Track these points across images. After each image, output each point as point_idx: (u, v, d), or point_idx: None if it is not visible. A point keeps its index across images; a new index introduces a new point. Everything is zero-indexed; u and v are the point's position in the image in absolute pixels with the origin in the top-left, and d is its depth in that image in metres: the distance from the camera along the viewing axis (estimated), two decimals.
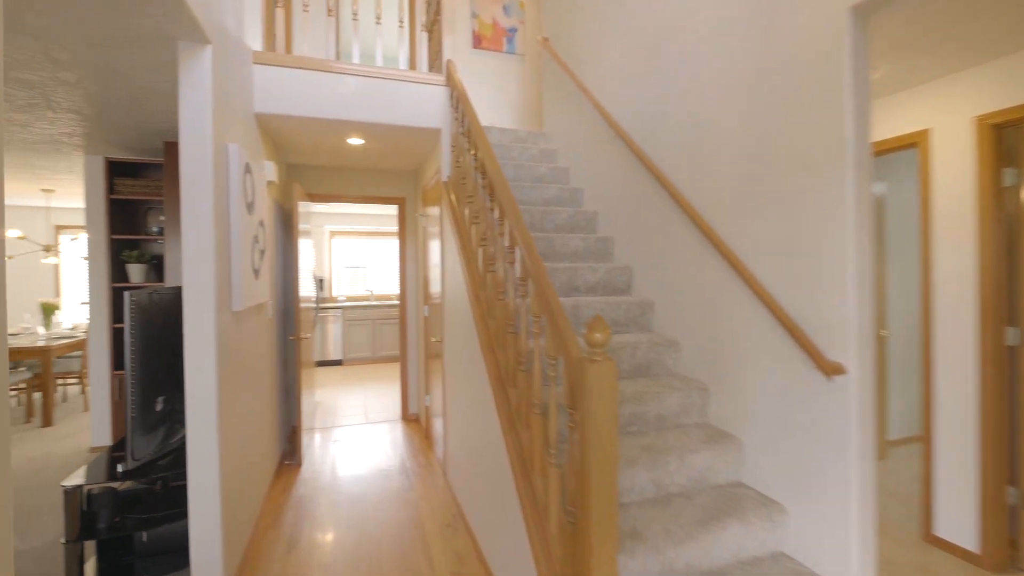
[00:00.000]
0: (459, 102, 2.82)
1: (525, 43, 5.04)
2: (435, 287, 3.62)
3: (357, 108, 2.98)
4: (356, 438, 4.11)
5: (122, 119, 2.91)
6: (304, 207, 3.82)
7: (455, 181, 2.99)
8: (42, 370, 4.51)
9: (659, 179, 2.49)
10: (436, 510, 2.89)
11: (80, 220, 6.58)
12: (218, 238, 2.00)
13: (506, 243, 2.06)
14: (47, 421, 4.51)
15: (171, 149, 3.22)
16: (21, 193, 5.45)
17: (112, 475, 2.07)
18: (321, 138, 3.37)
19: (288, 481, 3.27)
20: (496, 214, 2.16)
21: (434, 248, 3.64)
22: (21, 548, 2.50)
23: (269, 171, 3.05)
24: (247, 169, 2.40)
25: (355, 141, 3.43)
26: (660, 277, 2.58)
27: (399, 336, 4.79)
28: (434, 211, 3.64)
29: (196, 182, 1.92)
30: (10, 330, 5.15)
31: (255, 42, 2.84)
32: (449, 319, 3.08)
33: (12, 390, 4.92)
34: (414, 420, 4.57)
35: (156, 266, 3.75)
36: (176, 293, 2.28)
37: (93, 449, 3.88)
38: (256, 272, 2.56)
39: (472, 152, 2.55)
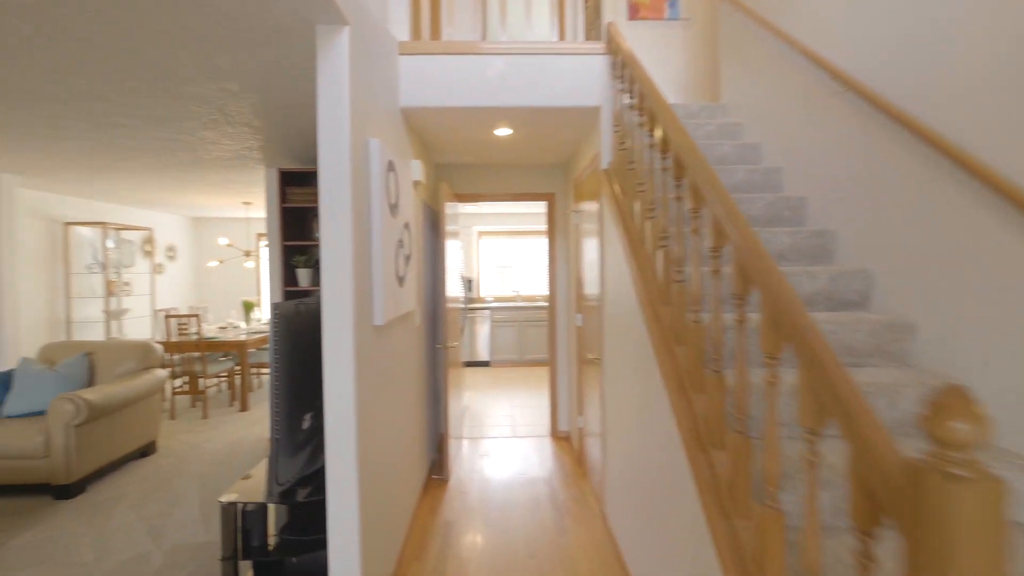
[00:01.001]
0: (626, 68, 2.28)
1: (691, 4, 4.26)
2: (590, 289, 3.14)
3: (505, 91, 2.63)
4: (504, 454, 3.84)
5: (286, 128, 2.98)
6: (451, 208, 3.64)
7: (619, 168, 2.47)
8: (240, 361, 5.13)
9: (939, 147, 1.66)
10: (592, 557, 2.41)
11: None
12: (357, 244, 1.78)
13: (707, 243, 1.48)
14: (244, 406, 5.11)
15: None
16: (228, 206, 6.33)
17: (269, 491, 2.00)
18: (468, 131, 3.12)
19: (436, 499, 3.09)
20: (687, 205, 1.58)
21: (589, 247, 3.16)
22: (205, 540, 2.65)
23: (416, 170, 2.86)
24: (390, 167, 2.19)
25: (502, 132, 3.11)
26: (927, 288, 1.74)
27: (548, 342, 4.41)
28: (588, 206, 3.16)
29: (333, 181, 1.71)
30: (218, 325, 6.04)
31: (401, 31, 2.65)
32: (611, 333, 2.57)
33: (218, 377, 5.73)
34: (564, 439, 4.16)
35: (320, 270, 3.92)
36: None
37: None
38: (401, 280, 2.35)
39: (646, 127, 2.00)
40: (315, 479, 2.15)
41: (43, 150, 3.40)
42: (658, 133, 1.80)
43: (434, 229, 3.86)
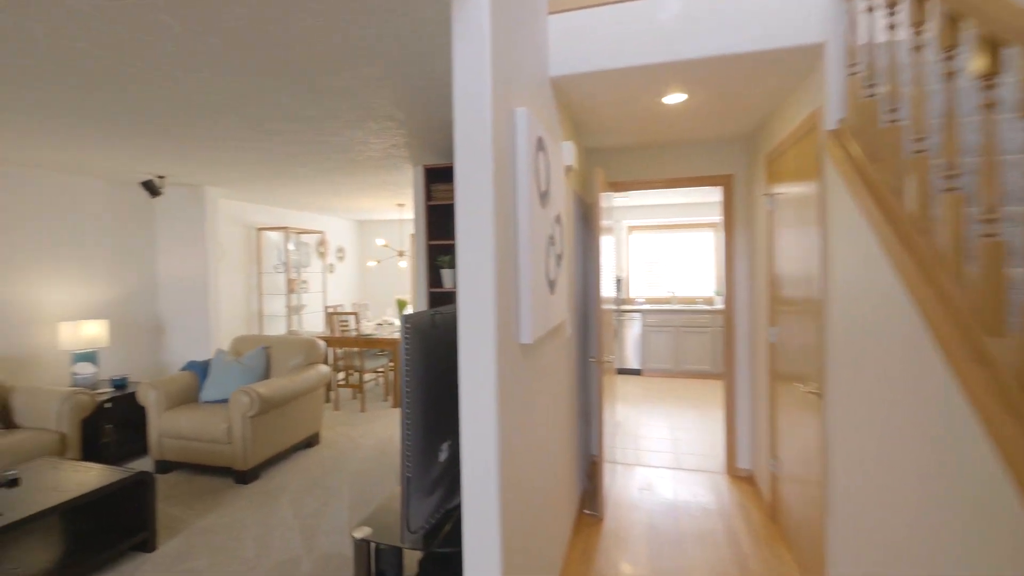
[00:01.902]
0: None
1: None
2: (795, 291, 2.37)
3: (683, 40, 2.03)
4: (668, 490, 3.21)
5: (428, 120, 2.76)
6: (606, 199, 3.12)
7: (861, 126, 1.71)
8: (393, 358, 5.27)
9: None
10: None
11: None
12: (500, 241, 1.38)
13: None
14: (396, 402, 5.25)
15: None
16: (385, 208, 6.66)
17: (401, 535, 1.74)
18: (630, 103, 2.57)
19: (589, 543, 2.62)
20: None
21: (795, 238, 2.38)
22: (348, 555, 2.56)
23: (567, 153, 2.42)
24: (540, 145, 1.76)
25: (674, 99, 2.50)
26: None
27: (724, 355, 3.64)
28: (793, 187, 2.38)
29: (471, 160, 1.33)
30: (375, 322, 6.38)
31: None
32: (845, 355, 1.82)
33: (375, 372, 6.03)
34: (745, 480, 3.36)
35: None
36: None
37: None
38: (552, 285, 1.92)
39: (945, 40, 1.25)
40: (455, 515, 1.83)
41: (228, 163, 3.74)
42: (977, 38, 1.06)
43: (586, 224, 3.38)
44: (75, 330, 3.83)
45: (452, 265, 3.60)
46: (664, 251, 6.98)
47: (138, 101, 2.37)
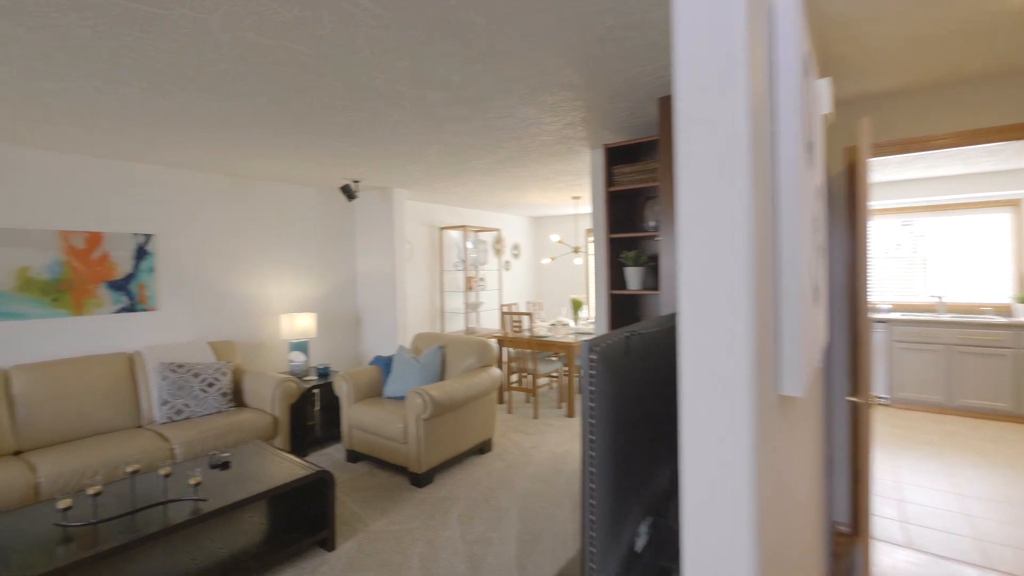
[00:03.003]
0: None
1: None
2: None
3: None
4: None
5: (611, 80, 2.22)
6: (868, 167, 2.17)
7: None
8: (568, 362, 4.88)
9: None
10: None
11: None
12: (758, 216, 0.78)
13: None
14: (571, 411, 4.85)
15: (664, 107, 2.33)
16: (558, 203, 6.32)
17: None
18: (937, 6, 1.65)
19: None
20: None
21: None
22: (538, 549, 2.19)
23: (825, 94, 1.63)
24: (805, 67, 1.08)
25: None
26: None
27: None
28: None
29: (703, 81, 0.76)
30: (548, 322, 6.08)
31: None
32: None
33: (549, 376, 5.71)
34: None
35: (653, 269, 3.09)
36: (669, 334, 1.24)
37: None
38: (815, 293, 1.22)
39: None
40: None
41: (410, 159, 3.74)
42: None
43: (843, 199, 2.45)
44: (291, 322, 4.29)
45: (638, 263, 2.99)
46: (926, 240, 5.20)
47: (335, 107, 2.34)
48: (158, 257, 3.78)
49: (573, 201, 6.02)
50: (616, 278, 3.13)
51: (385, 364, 4.07)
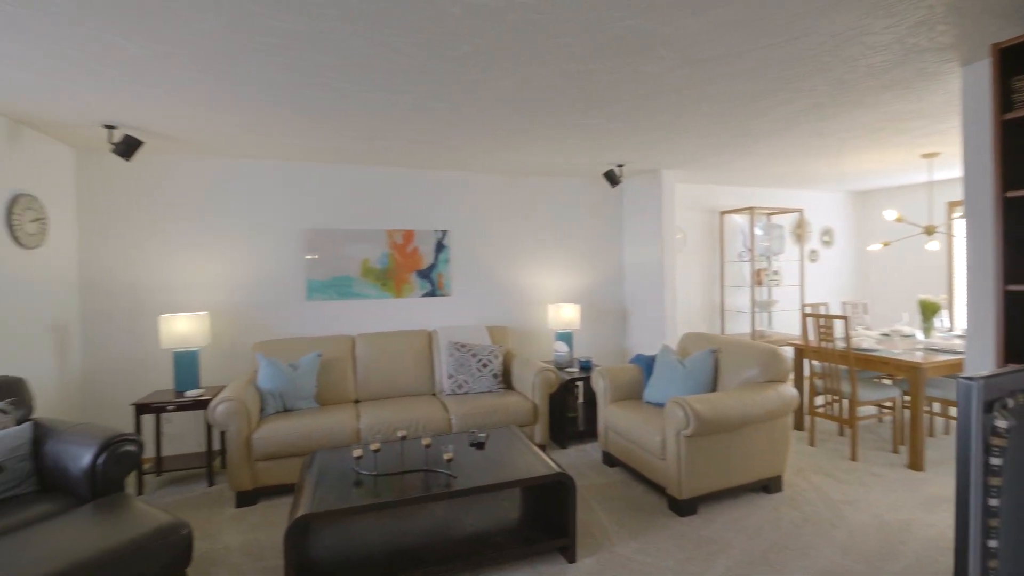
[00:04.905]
0: None
1: None
2: None
3: None
4: None
5: None
6: None
7: None
8: (912, 390, 3.42)
9: None
10: None
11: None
12: None
13: None
14: (914, 462, 3.39)
15: None
16: (898, 167, 4.56)
17: None
18: None
19: None
20: None
21: None
22: None
23: None
24: None
25: None
26: None
27: None
28: None
29: None
30: (877, 330, 4.42)
31: None
32: None
33: (877, 406, 4.15)
34: None
35: None
36: None
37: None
38: None
39: None
40: None
41: (678, 130, 3.21)
42: None
43: None
44: (557, 312, 4.34)
45: None
46: None
47: (576, 73, 2.12)
48: (452, 250, 4.36)
49: (923, 161, 4.24)
50: (1015, 265, 1.90)
51: (646, 364, 3.66)
